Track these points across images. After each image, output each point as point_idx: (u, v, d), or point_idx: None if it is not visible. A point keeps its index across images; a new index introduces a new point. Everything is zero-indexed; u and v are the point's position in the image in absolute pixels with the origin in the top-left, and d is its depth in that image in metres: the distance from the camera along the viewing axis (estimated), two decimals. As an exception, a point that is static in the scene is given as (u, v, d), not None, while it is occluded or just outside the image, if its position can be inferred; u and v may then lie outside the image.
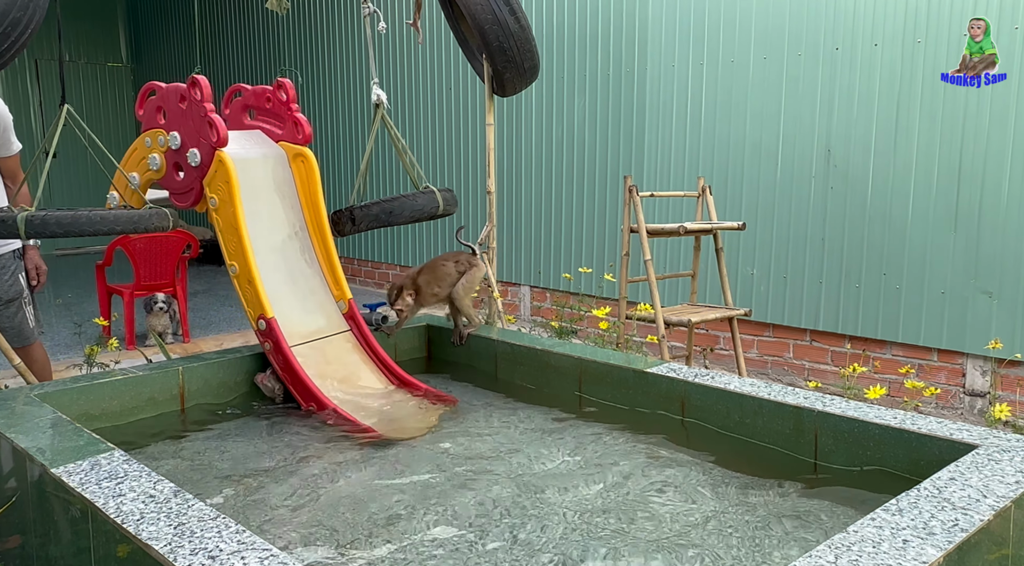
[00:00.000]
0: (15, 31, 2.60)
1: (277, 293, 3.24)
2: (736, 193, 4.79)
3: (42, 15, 2.71)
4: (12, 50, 2.63)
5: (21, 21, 2.60)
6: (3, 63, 2.64)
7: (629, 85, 5.23)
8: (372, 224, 3.64)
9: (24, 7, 2.60)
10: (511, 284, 6.22)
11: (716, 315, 4.07)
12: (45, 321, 5.95)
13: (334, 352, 3.29)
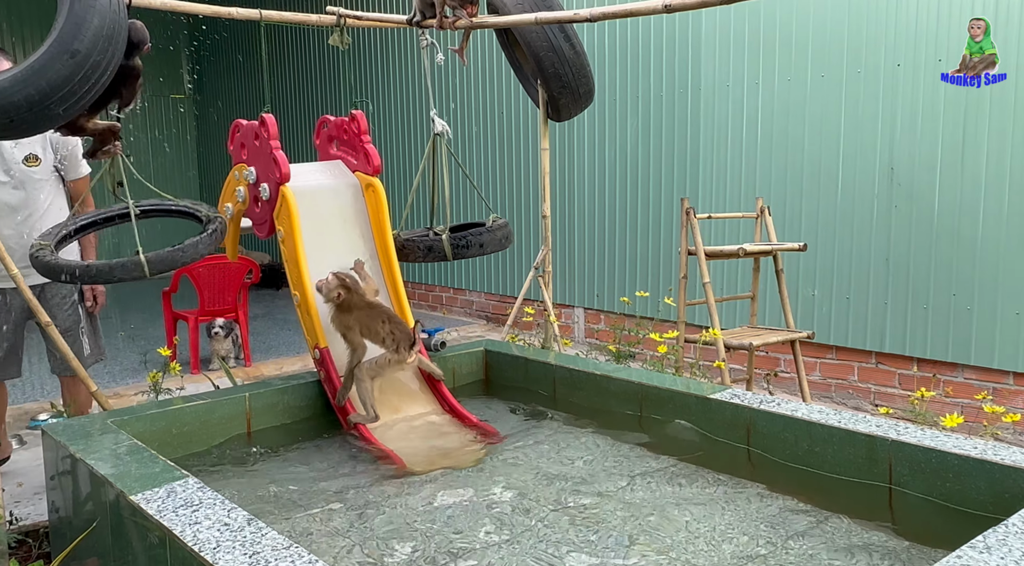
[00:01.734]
0: (95, 73, 2.71)
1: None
2: (795, 213, 4.71)
3: (120, 57, 2.82)
4: (92, 92, 2.74)
5: (100, 64, 2.72)
6: (84, 105, 2.76)
7: (683, 105, 5.21)
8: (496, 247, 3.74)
9: (104, 51, 2.71)
10: (565, 306, 6.20)
11: (778, 338, 3.99)
12: (110, 348, 6.16)
13: (390, 381, 3.32)
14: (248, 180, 3.45)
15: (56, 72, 2.63)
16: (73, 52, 2.64)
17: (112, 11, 2.76)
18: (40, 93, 2.63)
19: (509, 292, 6.75)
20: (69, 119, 2.85)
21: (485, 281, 6.95)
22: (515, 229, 6.49)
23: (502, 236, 3.71)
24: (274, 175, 3.32)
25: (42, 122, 2.75)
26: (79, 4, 2.67)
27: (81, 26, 2.66)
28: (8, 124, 2.68)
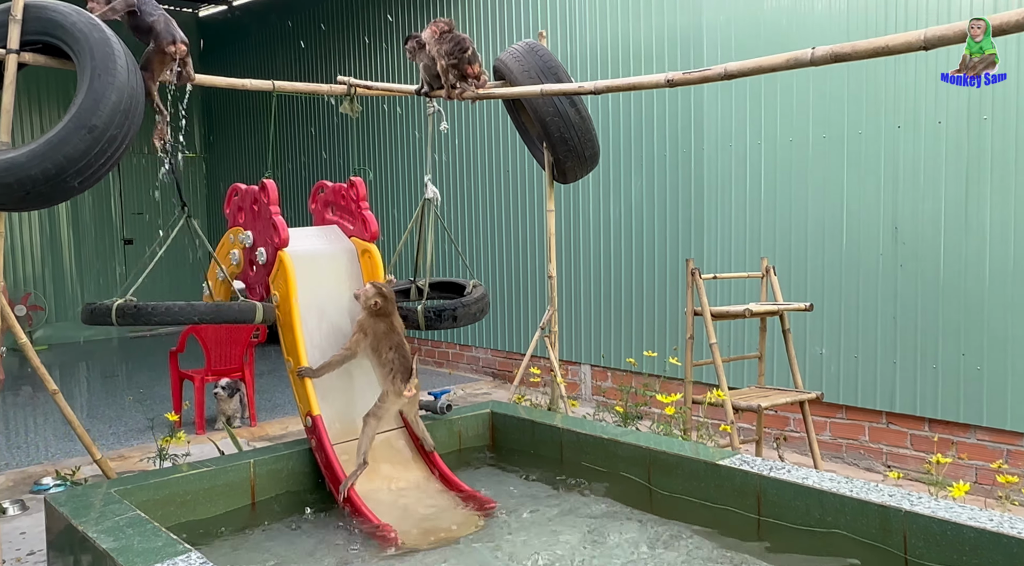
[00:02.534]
0: (111, 147, 2.77)
1: (331, 388, 3.30)
2: (801, 272, 4.72)
3: (136, 130, 2.88)
4: (108, 165, 2.80)
5: (117, 138, 2.78)
6: (99, 178, 2.81)
7: (687, 165, 5.27)
8: (470, 321, 3.71)
9: (120, 125, 2.78)
10: (572, 363, 6.18)
11: (786, 399, 3.95)
12: (115, 412, 6.14)
13: (384, 451, 3.30)
14: (244, 244, 3.48)
15: (74, 146, 2.69)
16: (91, 127, 2.70)
17: (130, 86, 2.84)
18: (57, 167, 2.69)
19: (515, 349, 6.73)
20: (83, 191, 2.89)
21: (491, 337, 6.94)
22: (522, 289, 6.52)
23: (476, 310, 3.70)
24: (273, 240, 3.35)
25: (57, 195, 2.80)
26: (99, 81, 2.75)
27: (100, 102, 2.73)
28: (24, 196, 2.73)
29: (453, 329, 4.96)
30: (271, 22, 9.10)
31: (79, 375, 7.71)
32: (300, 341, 3.24)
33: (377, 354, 3.18)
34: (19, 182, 2.68)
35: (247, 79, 3.49)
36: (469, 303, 3.77)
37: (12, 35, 2.85)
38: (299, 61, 8.77)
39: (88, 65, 2.79)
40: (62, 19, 2.88)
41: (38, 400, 6.37)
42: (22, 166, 2.68)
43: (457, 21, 6.77)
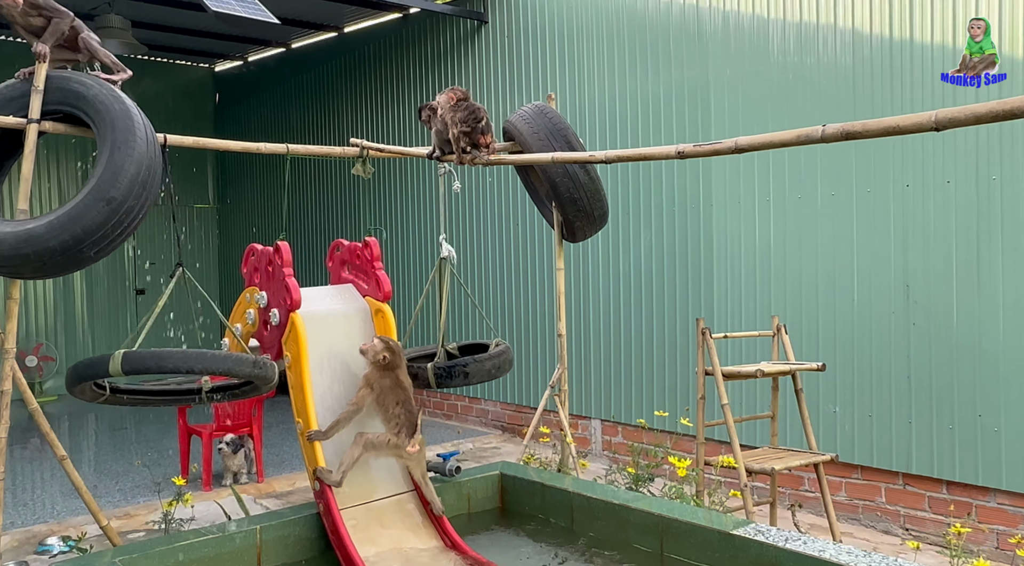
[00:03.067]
0: (128, 217, 2.80)
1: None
2: (812, 330, 4.69)
3: (154, 200, 2.91)
4: (124, 235, 2.82)
5: (134, 209, 2.81)
6: (114, 248, 2.83)
7: (695, 221, 5.29)
8: (484, 378, 3.69)
9: (138, 196, 2.81)
10: (582, 417, 6.12)
11: (800, 461, 3.89)
12: (123, 467, 6.10)
13: (392, 515, 3.26)
14: (259, 304, 3.49)
15: (91, 219, 2.72)
16: (109, 199, 2.73)
17: (149, 157, 2.89)
18: (74, 238, 2.72)
19: (525, 402, 6.68)
20: (98, 260, 2.92)
21: (500, 391, 6.90)
22: (532, 344, 6.49)
23: (491, 366, 3.68)
24: (285, 302, 3.36)
25: (72, 265, 2.83)
26: (119, 153, 2.80)
27: (119, 174, 2.77)
28: (40, 267, 2.76)
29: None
30: (284, 76, 9.28)
31: (87, 428, 7.69)
32: (310, 403, 3.24)
33: (383, 409, 3.19)
34: (36, 253, 2.71)
35: (261, 143, 3.55)
36: (482, 360, 3.74)
37: (33, 105, 2.91)
38: (312, 114, 8.92)
39: (108, 137, 2.84)
40: (84, 90, 2.95)
41: (45, 455, 6.34)
42: (40, 237, 2.71)
43: (467, 82, 6.88)
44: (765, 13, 4.87)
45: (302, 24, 8.08)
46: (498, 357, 3.77)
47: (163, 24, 8.14)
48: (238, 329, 3.57)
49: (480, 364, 3.72)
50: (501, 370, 3.82)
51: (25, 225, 2.74)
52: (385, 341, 3.23)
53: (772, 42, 4.85)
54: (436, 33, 7.21)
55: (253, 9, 4.82)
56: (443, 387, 3.79)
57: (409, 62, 7.54)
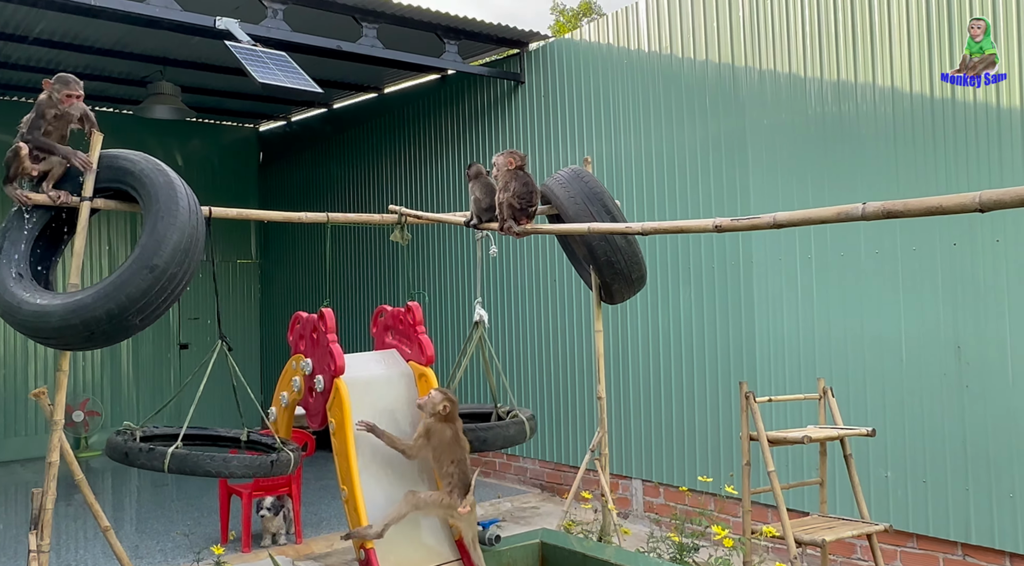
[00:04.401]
0: (171, 284, 2.87)
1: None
2: (860, 393, 4.56)
3: (196, 267, 2.99)
4: (168, 302, 2.90)
5: (177, 275, 2.88)
6: (158, 316, 2.90)
7: (735, 279, 5.22)
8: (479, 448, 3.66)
9: (180, 263, 2.89)
10: (622, 477, 6.00)
11: (853, 531, 3.75)
12: (163, 525, 6.13)
13: None
14: (304, 371, 3.53)
15: (136, 286, 2.80)
16: (152, 267, 2.81)
17: (192, 226, 2.97)
18: (120, 306, 2.79)
19: (564, 460, 6.58)
20: (144, 328, 2.99)
21: (540, 448, 6.81)
22: (570, 400, 6.42)
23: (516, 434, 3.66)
24: (329, 368, 3.39)
25: (119, 333, 2.89)
26: (162, 223, 2.88)
27: (162, 242, 2.85)
28: (88, 337, 2.82)
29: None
30: (325, 134, 9.52)
31: (130, 483, 7.76)
32: (354, 469, 3.23)
33: (438, 464, 3.17)
34: (84, 323, 2.78)
35: (303, 212, 3.63)
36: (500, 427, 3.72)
37: (87, 184, 3.02)
38: (352, 171, 9.10)
39: (153, 208, 2.93)
40: (131, 166, 3.05)
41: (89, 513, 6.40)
42: (88, 307, 2.78)
43: (503, 142, 6.97)
44: (802, 72, 4.88)
45: (343, 86, 8.31)
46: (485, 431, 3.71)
47: (211, 88, 8.44)
48: (284, 397, 3.61)
49: (496, 431, 3.69)
50: (488, 444, 3.75)
51: (73, 296, 2.82)
52: (444, 393, 3.24)
53: (809, 94, 4.83)
54: (473, 94, 7.35)
55: (297, 79, 4.98)
56: None
57: (446, 122, 7.68)
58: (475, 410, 4.04)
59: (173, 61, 7.40)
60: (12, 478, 8.06)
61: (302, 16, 5.86)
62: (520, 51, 6.87)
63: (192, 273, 2.98)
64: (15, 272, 2.92)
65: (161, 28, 5.79)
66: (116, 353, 9.76)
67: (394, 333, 3.79)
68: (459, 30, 6.48)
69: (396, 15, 6.08)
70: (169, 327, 10.10)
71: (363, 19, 5.97)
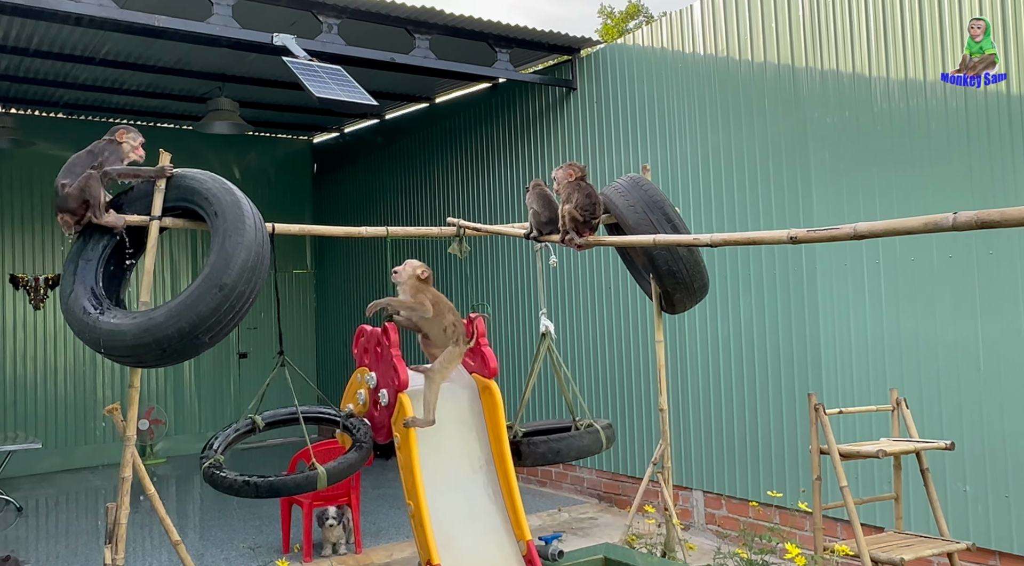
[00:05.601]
0: (239, 302, 2.91)
1: (452, 533, 3.22)
2: (934, 403, 4.37)
3: (263, 285, 3.02)
4: (236, 319, 2.93)
5: (245, 293, 2.91)
6: (227, 333, 2.94)
7: (799, 286, 5.07)
8: (538, 462, 3.62)
9: (248, 281, 2.92)
10: (682, 488, 5.88)
11: (932, 550, 3.60)
12: (227, 533, 6.24)
13: None
14: (369, 384, 3.54)
15: (206, 304, 2.84)
16: (222, 286, 2.85)
17: (257, 243, 3.00)
18: (191, 324, 2.83)
19: (622, 470, 6.49)
20: (213, 346, 3.03)
21: (597, 458, 6.72)
22: (628, 409, 6.33)
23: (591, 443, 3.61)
24: (393, 382, 3.39)
25: (189, 351, 2.94)
26: (230, 241, 2.92)
27: (230, 261, 2.88)
28: (161, 355, 2.87)
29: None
30: (378, 145, 9.61)
31: (194, 491, 7.93)
32: (420, 484, 3.21)
33: (440, 319, 3.39)
34: (157, 341, 2.83)
35: (363, 227, 3.65)
36: (537, 443, 3.67)
37: (156, 203, 3.08)
38: (405, 181, 9.16)
39: (220, 227, 2.97)
40: (199, 185, 3.10)
41: (155, 519, 6.55)
42: (160, 326, 2.83)
43: (557, 150, 6.92)
44: (866, 69, 4.72)
45: (395, 97, 8.38)
46: (557, 441, 3.68)
47: (267, 102, 8.61)
48: (350, 408, 3.62)
49: (533, 446, 3.63)
50: (561, 456, 3.72)
51: (147, 315, 2.88)
52: (418, 261, 3.48)
53: (875, 91, 4.67)
54: (524, 102, 7.32)
55: (353, 92, 5.02)
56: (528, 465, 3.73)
57: (499, 130, 7.67)
58: (552, 426, 3.99)
59: (231, 77, 7.56)
60: (83, 485, 8.32)
61: (356, 30, 5.92)
62: (572, 58, 6.83)
63: (259, 290, 3.02)
64: (91, 292, 2.99)
65: (220, 46, 5.92)
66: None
67: (456, 346, 3.77)
68: (511, 38, 6.47)
69: (448, 25, 6.10)
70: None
71: (415, 30, 6.00)
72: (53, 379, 9.19)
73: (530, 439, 3.65)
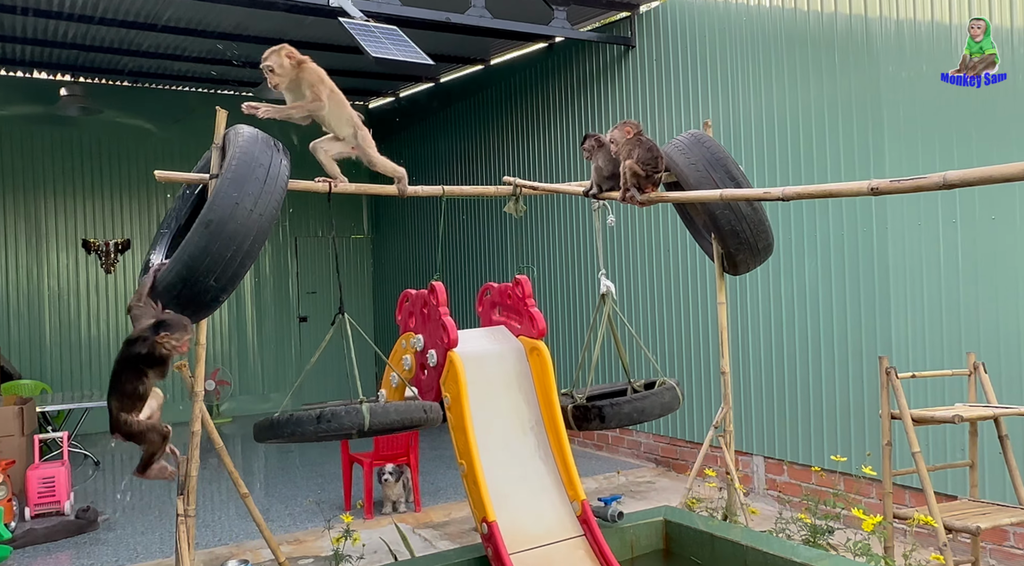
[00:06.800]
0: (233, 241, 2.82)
1: (505, 493, 3.21)
2: (1013, 368, 4.17)
3: (268, 226, 2.93)
4: (238, 258, 2.83)
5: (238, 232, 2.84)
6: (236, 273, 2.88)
7: (868, 246, 4.88)
8: (623, 423, 3.58)
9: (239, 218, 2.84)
10: (742, 454, 5.79)
11: (1011, 519, 3.45)
12: (290, 490, 6.42)
13: (562, 560, 3.15)
14: (416, 348, 3.51)
15: (195, 244, 2.81)
16: (207, 223, 2.80)
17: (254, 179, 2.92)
18: (187, 268, 2.84)
19: (679, 435, 6.43)
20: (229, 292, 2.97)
21: (655, 422, 6.66)
22: (687, 372, 6.24)
23: (632, 410, 3.53)
24: (442, 341, 3.36)
25: (200, 296, 2.89)
26: (219, 180, 2.90)
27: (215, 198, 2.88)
28: (176, 302, 2.87)
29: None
30: (433, 109, 9.57)
31: (258, 449, 8.18)
32: (472, 442, 3.19)
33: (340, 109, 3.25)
34: (166, 288, 2.85)
35: (419, 186, 3.61)
36: (620, 403, 3.61)
37: (214, 161, 3.09)
38: (460, 144, 9.13)
39: (222, 167, 2.97)
40: (233, 136, 3.10)
41: (222, 475, 6.78)
42: (167, 272, 2.86)
43: (615, 109, 6.78)
44: (947, 19, 4.45)
45: (450, 59, 8.30)
46: (640, 400, 3.61)
47: (325, 68, 8.61)
48: (395, 377, 3.61)
49: (618, 407, 3.58)
50: (645, 415, 3.65)
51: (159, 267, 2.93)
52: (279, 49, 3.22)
53: (955, 42, 4.41)
54: (582, 61, 7.17)
55: (409, 52, 4.97)
56: (582, 429, 3.68)
57: (555, 90, 7.54)
58: (606, 390, 3.94)
59: (289, 41, 7.56)
60: (154, 442, 8.65)
61: (411, -11, 5.86)
62: (631, 14, 6.64)
63: (261, 229, 2.90)
64: (159, 252, 3.04)
65: (277, 9, 5.93)
66: (243, 326, 10.28)
67: (502, 309, 3.73)
68: (568, -5, 6.32)
69: (504, -17, 5.99)
70: (289, 301, 10.54)
71: (471, -11, 5.91)
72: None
73: (611, 401, 3.61)
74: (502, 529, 3.06)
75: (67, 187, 9.24)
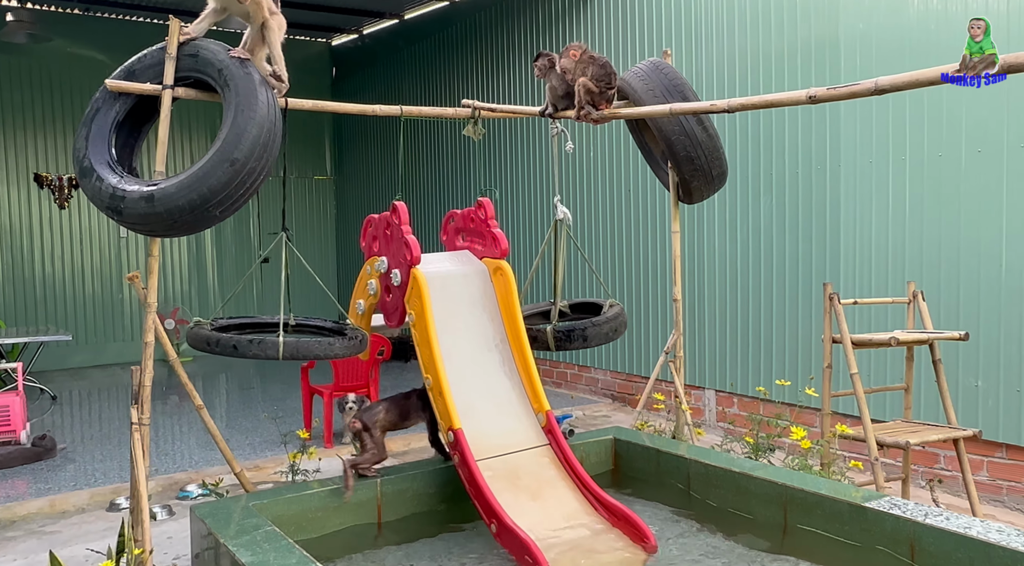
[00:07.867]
0: (250, 179, 2.91)
1: (471, 405, 3.28)
2: (952, 298, 4.35)
3: (274, 162, 3.01)
4: (246, 195, 2.92)
5: (256, 170, 2.91)
6: (237, 207, 2.94)
7: (821, 183, 4.99)
8: (602, 341, 3.70)
9: (260, 157, 2.91)
10: (695, 387, 5.97)
11: (939, 436, 3.64)
12: (251, 423, 6.46)
13: (528, 467, 3.24)
14: (380, 270, 3.55)
15: (217, 178, 2.84)
16: (233, 160, 2.84)
17: (270, 120, 2.98)
18: (201, 197, 2.85)
19: (635, 371, 6.58)
20: (223, 220, 3.04)
21: (611, 359, 6.83)
22: (643, 311, 6.37)
23: (608, 329, 3.65)
24: (405, 259, 3.40)
25: (200, 223, 2.96)
26: (241, 116, 2.90)
27: (241, 136, 2.87)
28: (171, 225, 2.90)
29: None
30: (398, 47, 9.43)
31: (219, 386, 8.19)
32: (437, 355, 3.23)
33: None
34: (168, 212, 2.86)
35: (376, 105, 3.60)
36: (600, 323, 3.72)
37: (168, 71, 3.05)
38: (425, 83, 9.03)
39: (232, 100, 2.95)
40: (212, 57, 3.06)
41: (183, 409, 6.79)
42: (171, 197, 2.85)
43: (579, 41, 6.74)
44: (905, -46, 4.50)
45: (415, -7, 8.15)
46: (615, 320, 3.74)
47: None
48: (360, 305, 3.65)
49: (598, 327, 3.69)
50: (618, 333, 3.80)
51: (159, 185, 2.89)
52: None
53: (912, -12, 4.47)
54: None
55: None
56: (562, 349, 3.77)
57: (520, 27, 7.48)
58: (545, 309, 4.03)
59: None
60: (113, 379, 8.61)
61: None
62: (597, -52, 6.57)
63: (270, 167, 3.01)
64: (106, 159, 3.00)
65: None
66: (202, 266, 10.17)
67: (465, 234, 3.77)
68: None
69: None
70: (251, 242, 10.44)
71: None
72: (80, 277, 9.40)
73: (592, 321, 3.72)
74: (468, 437, 3.09)
75: (17, 119, 8.96)
